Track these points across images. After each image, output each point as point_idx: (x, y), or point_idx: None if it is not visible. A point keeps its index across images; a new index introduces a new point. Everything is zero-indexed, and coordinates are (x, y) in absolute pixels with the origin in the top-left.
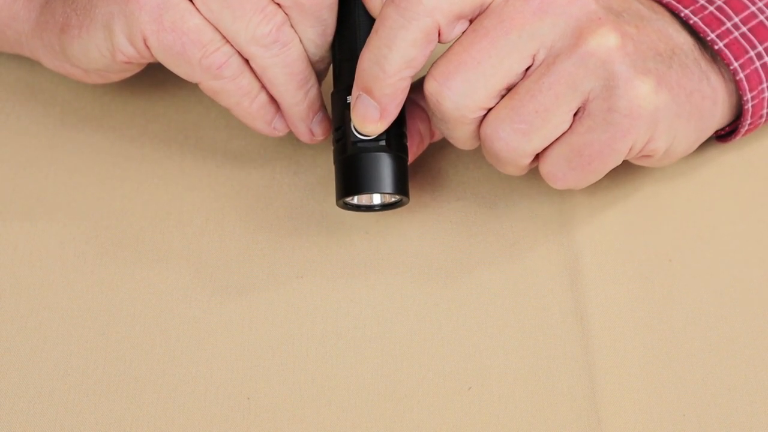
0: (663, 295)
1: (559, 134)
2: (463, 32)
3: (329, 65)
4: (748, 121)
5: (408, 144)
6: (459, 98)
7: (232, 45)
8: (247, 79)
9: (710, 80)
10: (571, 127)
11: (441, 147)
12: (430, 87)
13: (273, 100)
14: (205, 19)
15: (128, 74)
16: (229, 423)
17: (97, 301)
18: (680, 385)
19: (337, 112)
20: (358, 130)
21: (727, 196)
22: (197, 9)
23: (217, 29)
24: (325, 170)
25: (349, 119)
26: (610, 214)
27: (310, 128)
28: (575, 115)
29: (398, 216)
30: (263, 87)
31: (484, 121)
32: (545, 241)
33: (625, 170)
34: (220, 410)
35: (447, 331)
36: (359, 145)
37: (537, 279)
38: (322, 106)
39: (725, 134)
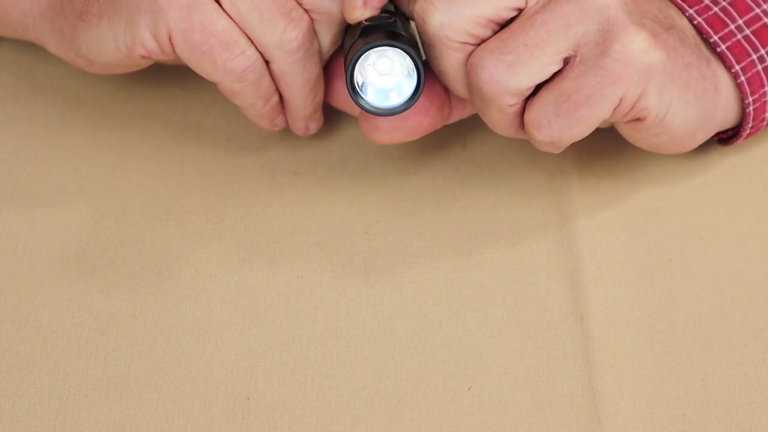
0: (663, 295)
1: (546, 77)
2: None
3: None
4: (750, 125)
5: (428, 104)
6: (444, 17)
7: (255, 48)
8: (266, 83)
9: (711, 64)
10: (561, 72)
11: (441, 147)
12: (418, 6)
13: (281, 100)
14: (231, 20)
15: (133, 69)
16: (229, 423)
17: (97, 301)
18: (680, 385)
19: (351, 30)
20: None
21: (727, 196)
22: (224, 10)
23: (241, 32)
24: (325, 170)
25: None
26: (610, 214)
27: (308, 124)
28: (566, 63)
29: (398, 216)
30: (276, 90)
31: (473, 52)
32: (545, 241)
33: (626, 170)
34: (220, 410)
35: (447, 331)
36: (368, 25)
37: (537, 279)
38: (322, 104)
39: (727, 138)
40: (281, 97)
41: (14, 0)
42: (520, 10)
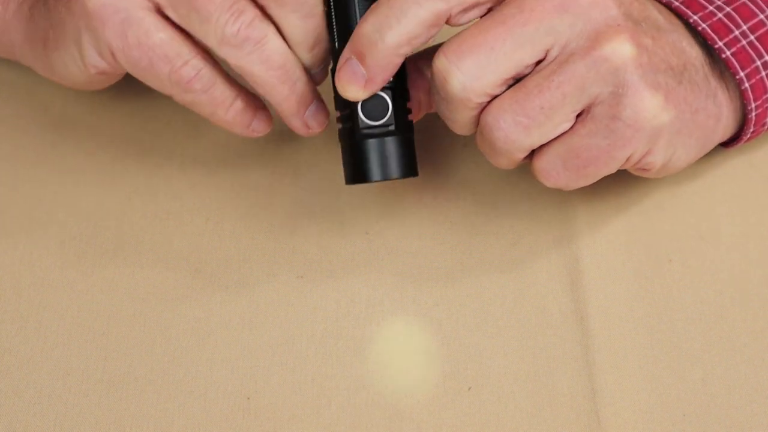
0: (663, 295)
1: (559, 133)
2: (476, 18)
3: (328, 49)
4: (751, 129)
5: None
6: (467, 80)
7: (202, 57)
8: (219, 90)
9: (717, 98)
10: (572, 128)
11: (441, 147)
12: (439, 63)
13: (250, 104)
14: (173, 31)
15: (112, 82)
16: (229, 423)
17: (97, 301)
18: (680, 385)
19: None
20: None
21: (727, 196)
22: (165, 18)
23: (185, 41)
24: (325, 170)
25: (357, 103)
26: (610, 215)
27: (305, 122)
28: (578, 116)
29: (398, 216)
30: (238, 95)
31: (487, 108)
32: (545, 241)
33: (626, 170)
34: (220, 410)
35: (447, 331)
36: (367, 131)
37: (537, 279)
38: (316, 97)
39: (727, 141)
40: (249, 101)
41: (3, 28)
42: (539, 61)
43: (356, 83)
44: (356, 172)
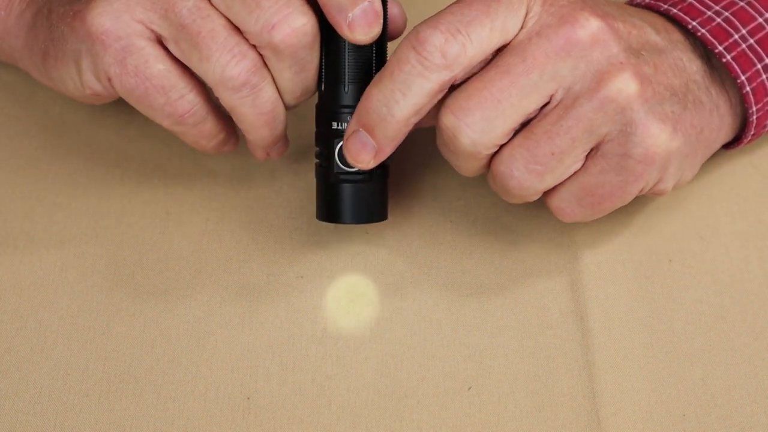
0: (663, 295)
1: (571, 173)
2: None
3: (313, 94)
4: (752, 132)
5: None
6: (476, 135)
7: (197, 92)
8: (209, 125)
9: (719, 109)
10: (583, 166)
11: None
12: (447, 120)
13: (231, 134)
14: (172, 63)
15: (107, 102)
16: (229, 423)
17: (97, 301)
18: (680, 385)
19: (322, 137)
20: (349, 163)
21: (727, 196)
22: (166, 50)
23: (183, 75)
24: None
25: (334, 147)
26: (610, 215)
27: (268, 153)
28: (588, 153)
29: (398, 216)
30: (223, 127)
31: (498, 157)
32: (545, 241)
33: None
34: (220, 410)
35: (447, 331)
36: (342, 176)
37: (537, 279)
38: (285, 134)
39: (728, 142)
40: (230, 131)
41: (2, 34)
42: (545, 104)
43: (367, 154)
44: (326, 211)
